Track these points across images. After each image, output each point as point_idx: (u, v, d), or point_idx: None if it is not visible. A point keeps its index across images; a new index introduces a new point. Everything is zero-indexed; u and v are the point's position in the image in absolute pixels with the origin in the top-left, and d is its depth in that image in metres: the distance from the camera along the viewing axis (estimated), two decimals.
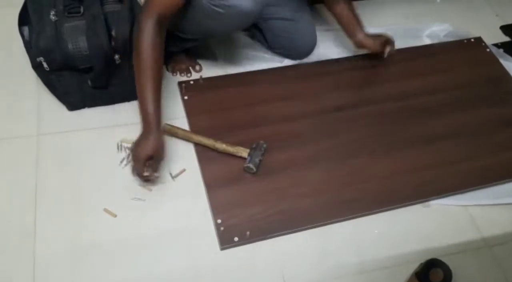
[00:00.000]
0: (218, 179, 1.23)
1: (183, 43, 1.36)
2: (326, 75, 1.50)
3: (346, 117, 1.41)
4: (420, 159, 1.33)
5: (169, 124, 1.31)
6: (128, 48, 1.23)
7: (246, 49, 1.57)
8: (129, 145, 1.27)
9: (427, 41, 1.68)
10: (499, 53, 1.66)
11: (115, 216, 1.15)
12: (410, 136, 1.39)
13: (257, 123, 1.36)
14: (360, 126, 1.39)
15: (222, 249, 1.11)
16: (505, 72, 1.59)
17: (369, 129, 1.39)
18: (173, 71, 1.48)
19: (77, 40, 1.19)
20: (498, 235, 1.22)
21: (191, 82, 1.45)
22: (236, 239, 1.12)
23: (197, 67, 1.50)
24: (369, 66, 1.56)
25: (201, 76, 1.47)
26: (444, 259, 1.09)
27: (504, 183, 1.31)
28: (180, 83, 1.45)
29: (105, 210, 1.15)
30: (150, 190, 1.21)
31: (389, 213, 1.22)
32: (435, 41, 1.68)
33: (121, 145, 1.28)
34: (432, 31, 1.70)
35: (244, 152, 1.26)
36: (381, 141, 1.36)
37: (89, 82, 1.28)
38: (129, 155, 1.25)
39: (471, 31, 1.73)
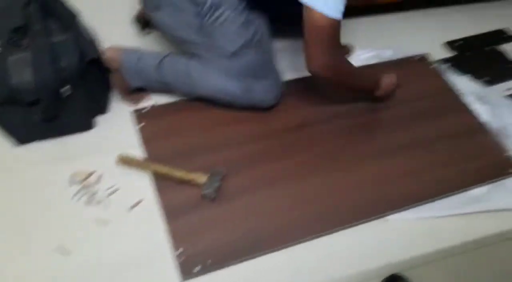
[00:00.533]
0: (177, 207, 1.20)
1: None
2: (284, 95, 1.51)
3: (307, 135, 1.43)
4: (376, 173, 1.35)
5: (124, 155, 1.28)
6: (78, 78, 1.21)
7: None
8: (83, 178, 1.24)
9: (373, 61, 1.72)
10: (445, 68, 1.73)
11: (69, 252, 1.10)
12: (367, 151, 1.41)
13: (215, 148, 1.35)
14: (318, 144, 1.40)
15: (184, 279, 1.08)
16: (451, 86, 1.66)
17: (326, 147, 1.40)
18: (126, 100, 1.45)
19: (22, 73, 1.16)
20: (457, 245, 1.24)
21: (146, 109, 1.43)
22: (197, 268, 1.09)
23: (150, 95, 1.48)
24: (323, 85, 1.58)
25: (155, 103, 1.45)
26: (405, 274, 1.10)
27: (459, 193, 1.35)
28: (134, 111, 1.42)
29: (59, 247, 1.10)
30: (106, 224, 1.16)
31: (349, 230, 1.23)
32: (382, 60, 1.72)
33: (73, 179, 1.23)
34: (378, 49, 1.75)
35: (202, 178, 1.24)
36: (339, 157, 1.38)
37: (37, 115, 1.24)
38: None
39: (418, 48, 1.79)
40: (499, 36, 1.99)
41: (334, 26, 1.18)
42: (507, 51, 1.91)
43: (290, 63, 1.65)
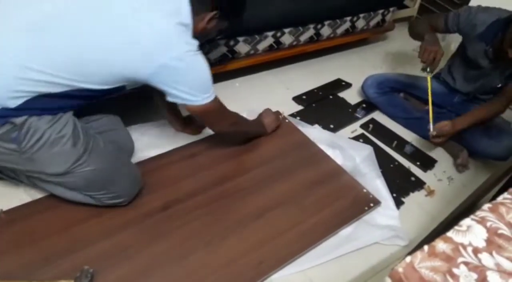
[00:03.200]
0: None
1: None
2: (143, 176, 1.46)
3: (174, 215, 1.38)
4: (253, 237, 1.36)
5: None
6: None
7: None
8: None
9: None
10: (296, 121, 1.87)
11: None
12: (240, 217, 1.42)
13: (78, 247, 1.23)
14: (190, 220, 1.37)
15: None
16: (305, 137, 1.79)
17: (200, 221, 1.37)
18: None
19: None
20: None
21: None
22: None
23: None
24: (185, 158, 1.59)
25: (1, 210, 1.29)
26: None
27: (328, 238, 1.42)
28: None
29: None
30: None
31: None
32: None
33: None
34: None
35: None
36: (214, 230, 1.36)
37: None
38: None
39: (271, 106, 1.91)
40: (339, 84, 2.25)
41: (216, 106, 1.31)
42: (346, 97, 2.16)
43: (150, 140, 1.64)
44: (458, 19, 1.77)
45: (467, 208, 1.48)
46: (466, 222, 0.66)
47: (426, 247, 0.64)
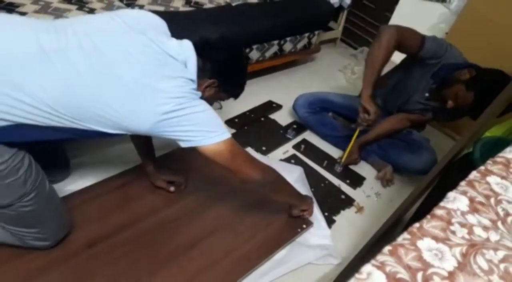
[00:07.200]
0: None
1: None
2: (69, 212, 1.38)
3: (100, 252, 1.30)
4: (185, 270, 1.32)
5: None
6: None
7: None
8: None
9: None
10: None
11: None
12: (171, 250, 1.37)
13: None
14: (118, 257, 1.30)
15: None
16: None
17: (128, 258, 1.31)
18: None
19: None
20: None
21: None
22: None
23: None
24: (114, 189, 1.52)
25: None
26: None
27: (262, 264, 1.41)
28: None
29: None
30: None
31: None
32: None
33: None
34: None
35: None
36: (145, 265, 1.30)
37: None
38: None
39: None
40: (270, 106, 2.29)
41: (235, 146, 1.20)
42: (277, 118, 2.20)
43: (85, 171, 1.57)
44: (435, 49, 1.70)
45: (395, 222, 1.55)
46: (367, 268, 0.65)
47: None
